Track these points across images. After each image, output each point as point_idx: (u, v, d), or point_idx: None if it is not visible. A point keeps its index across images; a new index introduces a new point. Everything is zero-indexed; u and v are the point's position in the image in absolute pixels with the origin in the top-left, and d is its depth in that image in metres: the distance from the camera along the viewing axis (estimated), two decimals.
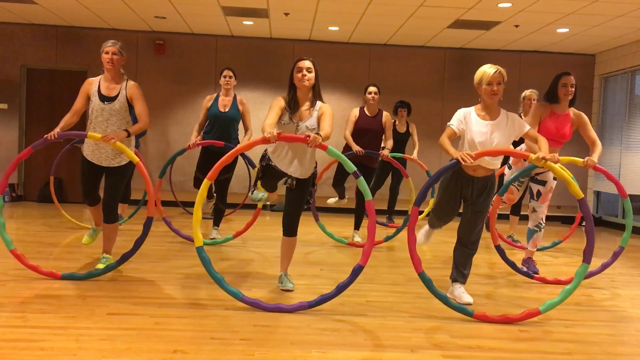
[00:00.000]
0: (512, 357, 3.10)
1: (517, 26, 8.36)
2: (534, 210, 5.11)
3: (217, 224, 6.33)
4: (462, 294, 4.04)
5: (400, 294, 4.34)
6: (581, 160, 4.60)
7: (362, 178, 3.74)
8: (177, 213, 8.68)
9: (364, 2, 7.48)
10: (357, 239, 6.48)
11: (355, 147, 5.97)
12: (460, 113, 3.95)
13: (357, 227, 6.57)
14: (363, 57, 10.07)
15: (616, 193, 5.22)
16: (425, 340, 3.29)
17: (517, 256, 5.80)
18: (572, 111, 4.91)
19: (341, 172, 6.32)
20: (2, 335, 3.07)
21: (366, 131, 6.17)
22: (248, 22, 8.92)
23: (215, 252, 5.58)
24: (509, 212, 7.20)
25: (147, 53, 9.81)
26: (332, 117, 3.98)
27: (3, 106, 9.65)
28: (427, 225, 4.48)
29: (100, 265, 4.50)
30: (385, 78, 9.62)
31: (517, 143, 5.40)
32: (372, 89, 6.20)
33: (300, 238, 4.41)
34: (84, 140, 4.55)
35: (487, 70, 3.87)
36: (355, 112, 6.27)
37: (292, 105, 4.01)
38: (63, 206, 7.35)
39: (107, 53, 4.41)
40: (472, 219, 4.04)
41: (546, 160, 3.68)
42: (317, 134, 3.70)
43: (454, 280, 4.14)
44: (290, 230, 4.20)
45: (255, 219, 5.95)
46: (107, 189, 4.57)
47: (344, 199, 6.62)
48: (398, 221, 8.18)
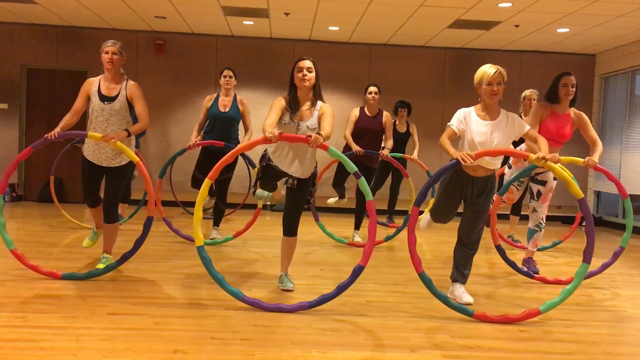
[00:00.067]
0: (513, 357, 3.10)
1: (517, 26, 8.36)
2: (535, 210, 5.11)
3: (217, 224, 6.33)
4: (462, 294, 4.04)
5: (401, 294, 4.34)
6: (582, 160, 4.60)
7: (363, 178, 3.74)
8: (177, 213, 8.69)
9: (364, 2, 7.48)
10: (357, 239, 6.48)
11: (355, 147, 5.96)
12: (460, 113, 3.95)
13: (357, 227, 6.58)
14: (363, 57, 10.06)
15: (616, 193, 5.22)
16: (426, 340, 3.29)
17: (518, 256, 5.80)
18: (573, 111, 4.91)
19: (341, 172, 6.32)
20: (2, 335, 3.07)
21: (366, 131, 6.17)
22: (248, 22, 8.92)
23: (215, 252, 5.58)
24: (509, 212, 7.21)
25: (147, 53, 9.81)
26: (333, 117, 3.98)
27: (3, 106, 9.66)
28: (429, 215, 4.48)
29: (101, 265, 4.50)
30: (386, 78, 9.62)
31: (517, 143, 5.40)
32: (372, 89, 6.20)
33: (301, 238, 4.41)
34: (84, 140, 4.55)
35: (487, 70, 3.86)
36: (356, 112, 6.27)
37: (292, 105, 4.01)
38: (63, 206, 7.35)
39: (107, 53, 4.40)
40: (472, 219, 4.04)
41: (546, 160, 3.68)
42: (318, 133, 3.71)
43: (454, 280, 4.14)
44: (290, 230, 4.20)
45: (256, 219, 5.95)
46: (107, 189, 4.57)
47: (344, 198, 6.62)
48: (398, 221, 8.19)
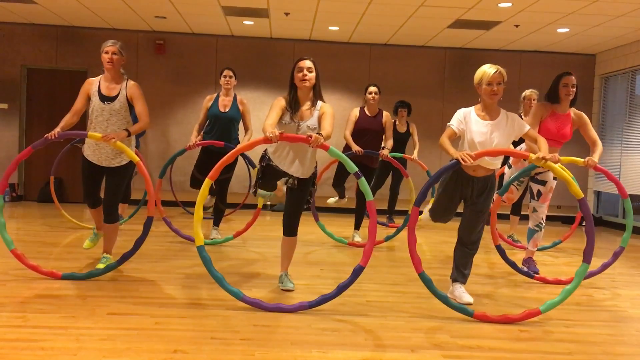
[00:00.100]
0: (513, 357, 3.10)
1: (517, 26, 8.35)
2: (535, 210, 5.11)
3: (217, 224, 6.33)
4: (462, 294, 4.04)
5: (401, 294, 4.34)
6: (582, 160, 4.61)
7: (363, 178, 3.74)
8: (177, 213, 8.69)
9: (364, 2, 7.47)
10: (358, 238, 6.47)
11: (354, 147, 5.96)
12: (460, 113, 3.95)
13: (357, 227, 6.58)
14: (363, 57, 10.06)
15: (616, 193, 5.22)
16: (426, 340, 3.29)
17: (518, 256, 5.80)
18: (573, 111, 4.91)
19: (341, 172, 6.32)
20: (2, 335, 3.07)
21: (366, 131, 6.17)
22: (248, 22, 8.92)
23: (215, 252, 5.58)
24: (509, 212, 7.21)
25: (147, 53, 9.81)
26: (333, 117, 3.97)
27: (3, 106, 9.66)
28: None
29: (101, 265, 4.50)
30: (386, 78, 9.63)
31: (517, 143, 5.40)
32: (372, 89, 6.20)
33: (301, 238, 4.40)
34: (84, 140, 4.55)
35: (487, 70, 3.86)
36: (356, 112, 6.27)
37: (292, 105, 4.01)
38: (63, 206, 7.35)
39: (107, 53, 4.40)
40: (472, 219, 4.04)
41: (546, 160, 3.68)
42: (319, 133, 3.71)
43: (454, 280, 4.14)
44: (290, 230, 4.20)
45: (256, 218, 5.95)
46: (107, 189, 4.57)
47: (344, 198, 6.63)
48: (398, 221, 8.19)
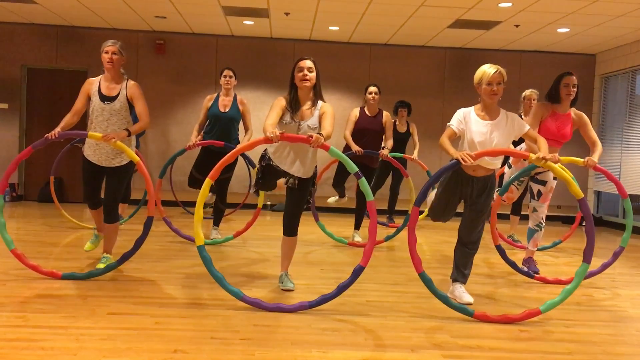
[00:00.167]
0: (513, 357, 3.10)
1: (517, 26, 8.35)
2: (535, 210, 5.11)
3: (217, 223, 6.33)
4: (462, 294, 4.04)
5: (401, 293, 4.34)
6: (582, 160, 4.61)
7: (363, 178, 3.74)
8: (178, 213, 8.69)
9: (364, 2, 7.47)
10: (358, 238, 6.47)
11: (354, 147, 5.96)
12: (460, 113, 3.95)
13: (357, 227, 6.58)
14: (363, 57, 10.06)
15: (617, 193, 5.21)
16: (426, 340, 3.29)
17: (518, 256, 5.80)
18: (574, 111, 4.91)
19: (341, 173, 6.32)
20: (2, 334, 3.07)
21: (366, 131, 6.17)
22: (248, 22, 8.92)
23: (215, 252, 5.58)
24: (509, 212, 7.21)
25: (147, 53, 9.81)
26: (334, 117, 3.98)
27: (3, 106, 9.66)
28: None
29: (101, 265, 4.51)
30: (386, 78, 9.62)
31: (517, 143, 5.40)
32: (372, 89, 6.20)
33: (301, 238, 4.40)
34: (84, 140, 4.55)
35: (487, 70, 3.86)
36: (356, 112, 6.28)
37: (293, 104, 4.01)
38: (63, 206, 7.35)
39: (107, 53, 4.40)
40: (472, 219, 4.04)
41: (546, 160, 3.68)
42: (319, 133, 3.71)
43: (454, 280, 4.14)
44: (290, 230, 4.20)
45: (256, 218, 5.95)
46: (107, 189, 4.57)
47: (344, 197, 6.63)
48: (398, 221, 8.19)
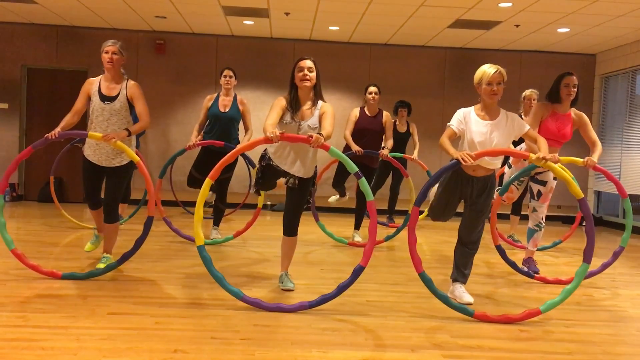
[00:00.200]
0: (513, 357, 3.10)
1: (517, 26, 8.35)
2: (534, 210, 5.11)
3: (217, 223, 6.33)
4: (462, 294, 4.04)
5: (401, 293, 4.34)
6: (581, 160, 4.60)
7: (363, 178, 3.74)
8: (178, 213, 8.69)
9: (364, 2, 7.47)
10: (358, 238, 6.48)
11: (354, 147, 5.97)
12: (460, 113, 3.95)
13: (357, 227, 6.58)
14: (363, 56, 10.06)
15: (617, 193, 5.21)
16: (426, 340, 3.29)
17: (518, 256, 5.80)
18: (574, 111, 4.91)
19: (341, 173, 6.32)
20: (2, 334, 3.07)
21: (366, 131, 6.17)
22: (248, 22, 8.92)
23: (215, 252, 5.58)
24: (509, 212, 7.21)
25: (147, 53, 9.81)
26: (334, 117, 3.98)
27: (3, 106, 9.66)
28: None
29: (101, 265, 4.51)
30: (386, 78, 9.62)
31: (517, 143, 5.40)
32: (372, 89, 6.20)
33: (301, 238, 4.40)
34: (85, 140, 4.55)
35: (487, 70, 3.86)
36: (356, 112, 6.28)
37: (293, 104, 4.01)
38: (63, 206, 7.35)
39: (107, 53, 4.40)
40: (472, 218, 4.04)
41: (546, 160, 3.68)
42: (319, 133, 3.71)
43: (454, 280, 4.14)
44: (290, 229, 4.20)
45: (256, 218, 5.95)
46: (107, 189, 4.57)
47: (345, 196, 6.62)
48: (398, 221, 8.19)
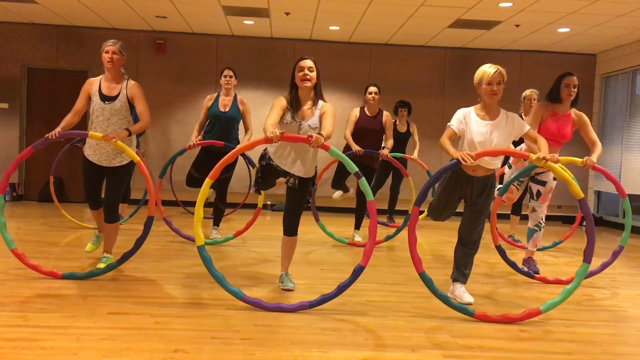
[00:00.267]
0: (513, 357, 3.10)
1: (517, 26, 8.35)
2: (534, 210, 5.11)
3: (217, 223, 6.33)
4: (462, 294, 4.04)
5: (401, 293, 4.34)
6: (580, 160, 4.60)
7: (363, 178, 3.73)
8: (178, 213, 8.69)
9: (364, 2, 7.47)
10: (358, 238, 6.48)
11: (354, 147, 5.97)
12: (460, 113, 3.95)
13: (357, 226, 6.58)
14: (364, 56, 10.06)
15: (617, 193, 5.21)
16: (426, 339, 3.29)
17: (518, 256, 5.80)
18: (574, 112, 4.91)
19: (341, 173, 6.32)
20: (2, 334, 3.07)
21: (367, 131, 6.18)
22: (249, 22, 8.92)
23: (215, 252, 5.58)
24: (509, 212, 7.21)
25: (147, 53, 9.81)
26: (334, 117, 3.98)
27: (4, 106, 9.66)
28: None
29: (101, 265, 4.51)
30: (386, 78, 9.63)
31: (517, 143, 5.40)
32: (372, 89, 6.20)
33: (301, 238, 4.40)
34: (85, 140, 4.56)
35: (487, 70, 3.86)
36: (356, 112, 6.28)
37: (294, 104, 4.01)
38: (63, 206, 7.35)
39: (107, 52, 4.41)
40: (472, 218, 4.04)
41: (546, 161, 3.67)
42: (319, 133, 3.71)
43: (454, 280, 4.14)
44: (290, 229, 4.20)
45: (256, 218, 5.95)
46: (108, 189, 4.57)
47: (349, 191, 6.61)
48: (399, 221, 8.19)
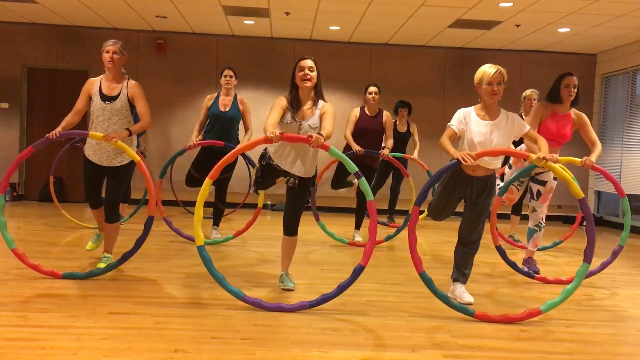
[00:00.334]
0: (513, 357, 3.10)
1: (518, 26, 8.35)
2: (534, 210, 5.11)
3: (216, 223, 6.33)
4: (463, 294, 4.04)
5: (401, 293, 4.34)
6: (579, 160, 4.60)
7: (364, 178, 3.73)
8: (178, 213, 8.69)
9: (364, 2, 7.47)
10: (358, 238, 6.48)
11: (355, 147, 5.97)
12: (460, 113, 3.95)
13: (357, 226, 6.58)
14: (364, 56, 10.06)
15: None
16: (426, 339, 3.29)
17: (518, 256, 5.80)
18: (574, 112, 4.91)
19: (341, 173, 6.31)
20: (3, 334, 3.07)
21: (367, 131, 6.18)
22: (249, 22, 8.92)
23: (215, 252, 5.58)
24: (509, 212, 7.21)
25: (148, 52, 9.82)
26: (334, 116, 3.98)
27: (4, 105, 9.66)
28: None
29: (101, 265, 4.51)
30: (386, 78, 9.62)
31: (517, 143, 5.40)
32: (372, 89, 6.20)
33: (301, 238, 4.40)
34: (85, 140, 4.56)
35: (488, 70, 3.86)
36: (356, 112, 6.28)
37: (294, 104, 4.01)
38: (63, 205, 7.36)
39: (107, 52, 4.41)
40: (472, 219, 4.04)
41: (547, 161, 3.68)
42: (319, 133, 3.71)
43: (454, 280, 4.14)
44: (291, 229, 4.20)
45: (256, 218, 5.95)
46: (108, 189, 4.57)
47: (354, 183, 6.55)
48: (399, 221, 8.19)
